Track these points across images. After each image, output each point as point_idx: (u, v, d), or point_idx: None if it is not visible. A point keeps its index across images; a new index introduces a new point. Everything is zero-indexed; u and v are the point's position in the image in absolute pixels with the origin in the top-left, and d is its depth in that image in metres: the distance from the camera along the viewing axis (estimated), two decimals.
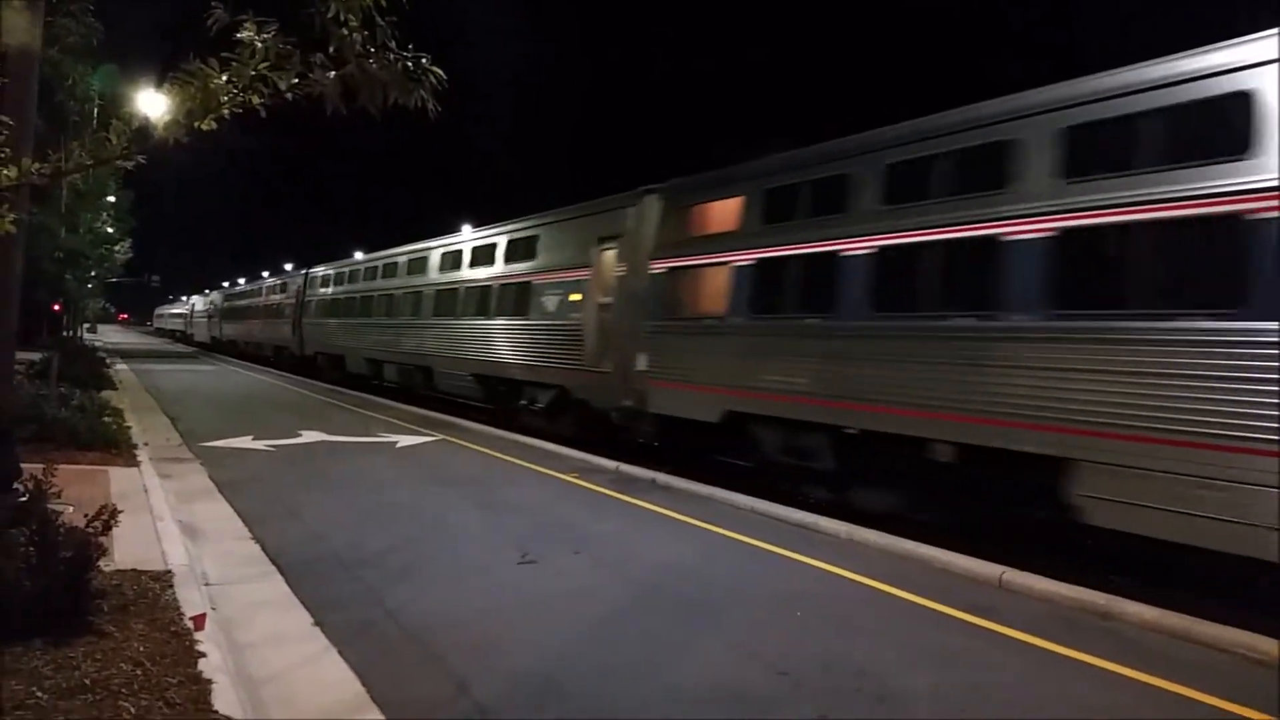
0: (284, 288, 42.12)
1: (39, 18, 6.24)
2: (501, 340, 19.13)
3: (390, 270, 27.67)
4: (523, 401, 18.30)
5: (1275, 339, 6.62)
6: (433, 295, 23.57)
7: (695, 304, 13.14)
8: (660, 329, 13.57)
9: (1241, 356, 6.85)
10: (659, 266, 13.81)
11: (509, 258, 19.62)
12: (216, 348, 56.33)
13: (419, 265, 25.23)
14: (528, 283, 18.28)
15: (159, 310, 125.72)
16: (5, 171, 4.30)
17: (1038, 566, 7.79)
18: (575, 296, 16.34)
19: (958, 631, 6.42)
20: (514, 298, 18.83)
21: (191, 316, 76.58)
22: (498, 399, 19.89)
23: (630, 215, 15.05)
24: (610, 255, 15.48)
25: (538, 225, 18.77)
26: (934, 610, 6.87)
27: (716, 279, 12.56)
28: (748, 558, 8.38)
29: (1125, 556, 8.05)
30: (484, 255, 21.01)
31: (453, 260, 22.90)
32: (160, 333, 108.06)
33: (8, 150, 4.46)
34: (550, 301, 17.28)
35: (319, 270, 36.38)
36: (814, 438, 10.87)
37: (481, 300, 20.45)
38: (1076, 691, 5.39)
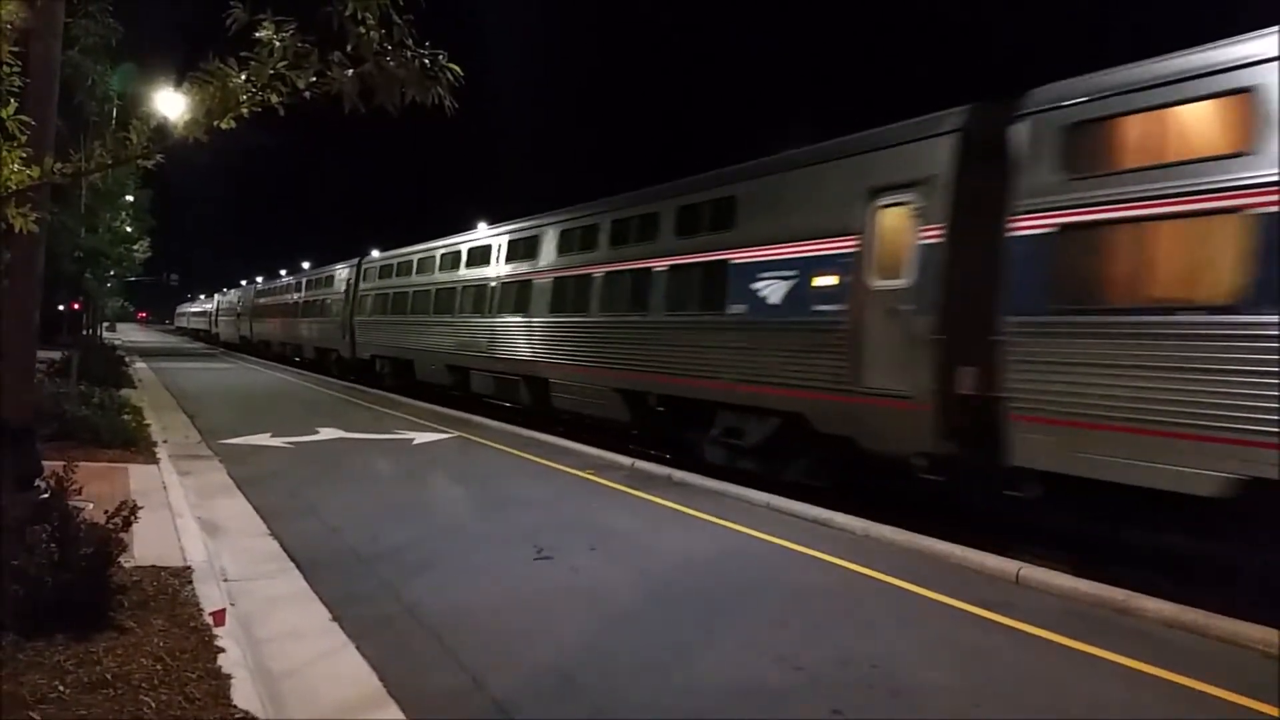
0: (328, 281, 36.75)
1: (60, 19, 6.30)
2: (674, 345, 14.02)
3: (478, 257, 22.62)
4: (714, 431, 13.22)
5: None
6: (547, 286, 18.51)
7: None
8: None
9: None
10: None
11: (682, 229, 14.44)
12: (245, 348, 53.65)
13: (523, 249, 20.08)
14: (724, 262, 13.05)
15: (181, 309, 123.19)
16: (27, 171, 4.35)
17: (1054, 562, 7.76)
18: (825, 280, 11.22)
19: (974, 627, 6.41)
20: (700, 285, 13.67)
21: (216, 314, 73.71)
22: (660, 424, 15.22)
23: (942, 149, 9.98)
24: (899, 215, 10.41)
25: (734, 183, 13.52)
26: (950, 606, 6.85)
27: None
28: (763, 553, 8.37)
29: (1144, 552, 8.00)
30: (635, 230, 15.86)
31: (582, 239, 17.65)
32: (182, 332, 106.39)
33: (30, 150, 4.50)
34: (772, 290, 12.08)
35: (377, 258, 31.24)
36: None
37: (635, 290, 15.25)
38: (1093, 687, 5.37)
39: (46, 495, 5.96)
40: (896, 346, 10.06)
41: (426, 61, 4.29)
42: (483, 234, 23.06)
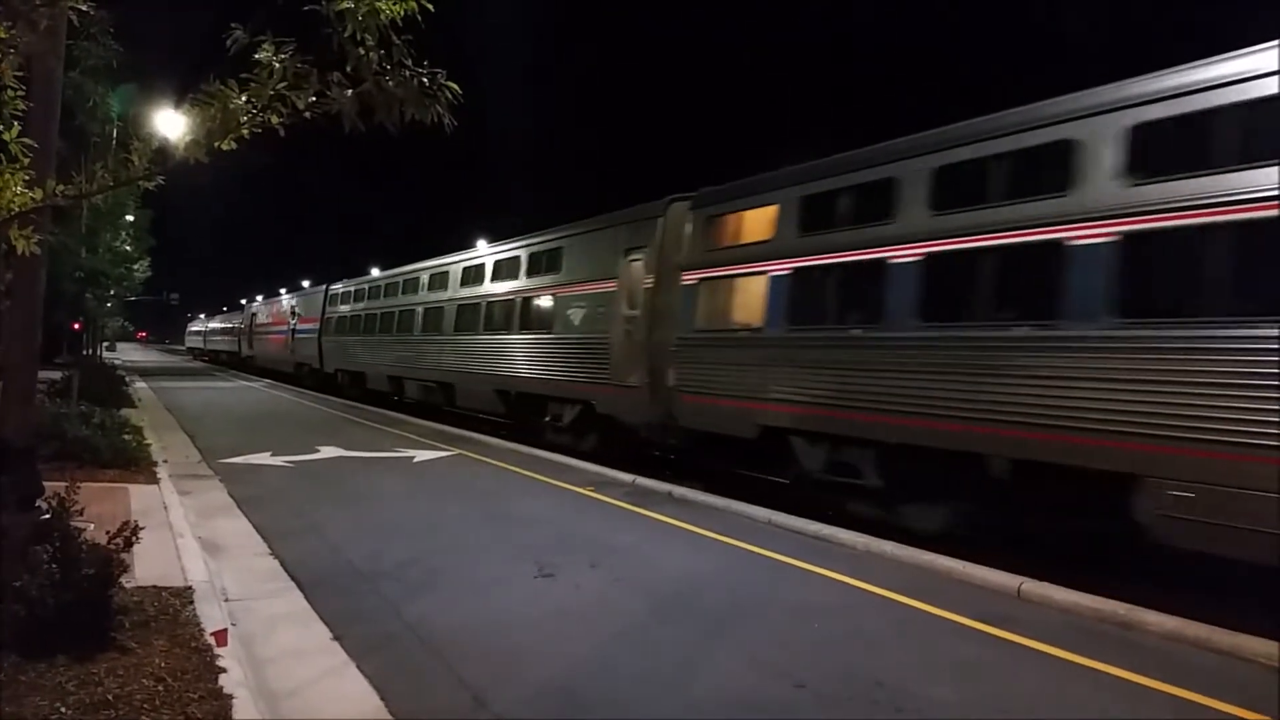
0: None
1: (62, 41, 6.35)
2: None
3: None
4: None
5: None
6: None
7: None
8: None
9: None
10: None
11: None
12: (318, 382, 36.65)
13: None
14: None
15: (194, 327, 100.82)
16: (30, 194, 4.37)
17: (1057, 576, 7.74)
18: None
19: (976, 642, 6.39)
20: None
21: (251, 330, 54.39)
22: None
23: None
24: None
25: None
26: (952, 621, 6.84)
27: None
28: (765, 570, 8.36)
29: (1149, 566, 7.99)
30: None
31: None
32: (198, 355, 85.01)
33: (32, 172, 4.52)
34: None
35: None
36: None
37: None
38: (1097, 702, 5.36)
39: (48, 516, 5.96)
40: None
41: (425, 80, 4.32)
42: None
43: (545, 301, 18.58)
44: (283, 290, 51.04)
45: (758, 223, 12.67)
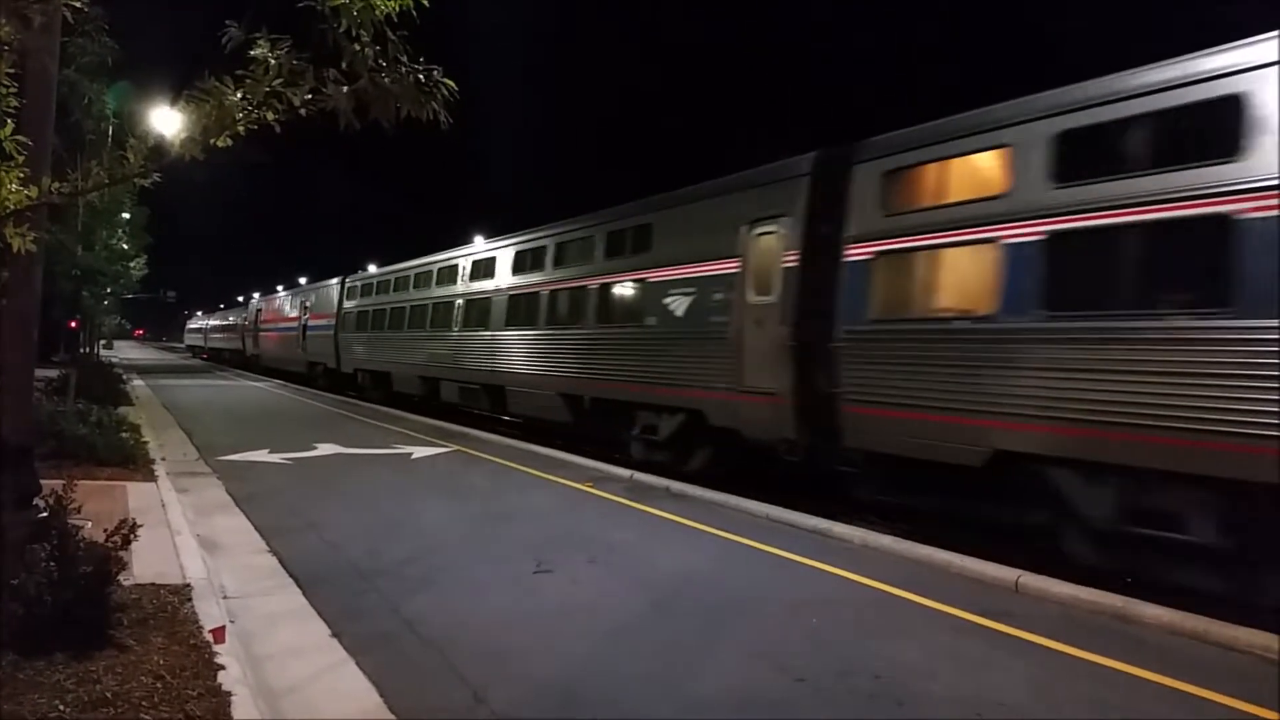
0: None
1: (57, 38, 6.33)
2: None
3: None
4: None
5: None
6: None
7: None
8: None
9: None
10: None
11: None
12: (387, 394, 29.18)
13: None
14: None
15: (194, 324, 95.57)
16: (25, 192, 4.36)
17: (1055, 570, 7.76)
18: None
19: (975, 636, 6.41)
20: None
21: (256, 327, 50.20)
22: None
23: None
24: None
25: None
26: (951, 615, 6.85)
27: None
28: (763, 565, 8.37)
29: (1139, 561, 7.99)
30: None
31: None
32: (197, 353, 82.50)
33: (27, 170, 4.51)
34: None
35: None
36: None
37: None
38: (1094, 694, 5.37)
39: (45, 514, 5.96)
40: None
41: (421, 77, 4.31)
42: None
43: (631, 288, 15.36)
44: (293, 283, 49.19)
45: (976, 173, 9.74)
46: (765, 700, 5.20)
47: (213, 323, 77.74)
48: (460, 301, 22.79)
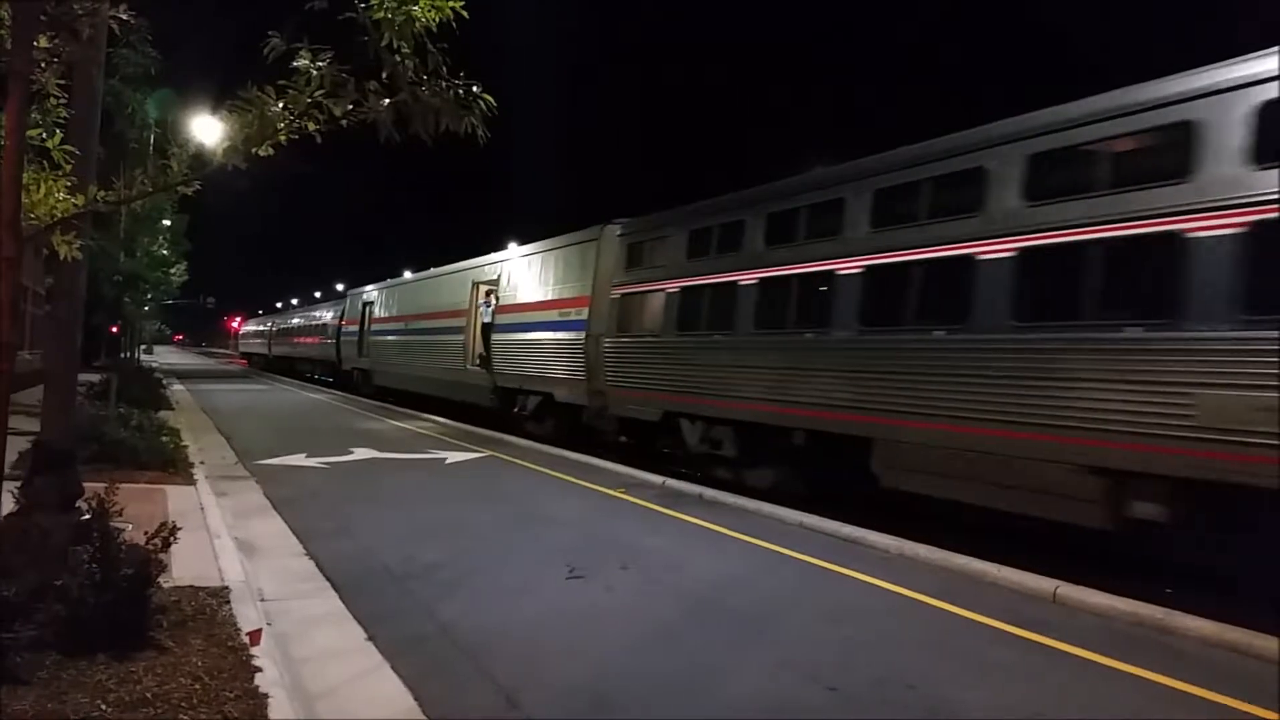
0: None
1: (103, 50, 6.46)
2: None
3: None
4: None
5: None
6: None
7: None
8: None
9: None
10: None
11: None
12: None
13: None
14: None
15: (250, 327, 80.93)
16: (72, 200, 4.45)
17: (1093, 580, 7.65)
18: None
19: (1011, 647, 6.32)
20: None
21: (363, 335, 34.91)
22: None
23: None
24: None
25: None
26: (986, 625, 6.77)
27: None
28: (796, 572, 8.32)
29: (1182, 569, 7.87)
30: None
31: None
32: (254, 363, 69.15)
33: (74, 179, 4.61)
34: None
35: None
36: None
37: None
38: (1133, 707, 5.28)
39: (87, 517, 6.06)
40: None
41: (460, 92, 4.34)
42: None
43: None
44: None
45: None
46: (796, 708, 5.17)
47: (295, 322, 56.27)
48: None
